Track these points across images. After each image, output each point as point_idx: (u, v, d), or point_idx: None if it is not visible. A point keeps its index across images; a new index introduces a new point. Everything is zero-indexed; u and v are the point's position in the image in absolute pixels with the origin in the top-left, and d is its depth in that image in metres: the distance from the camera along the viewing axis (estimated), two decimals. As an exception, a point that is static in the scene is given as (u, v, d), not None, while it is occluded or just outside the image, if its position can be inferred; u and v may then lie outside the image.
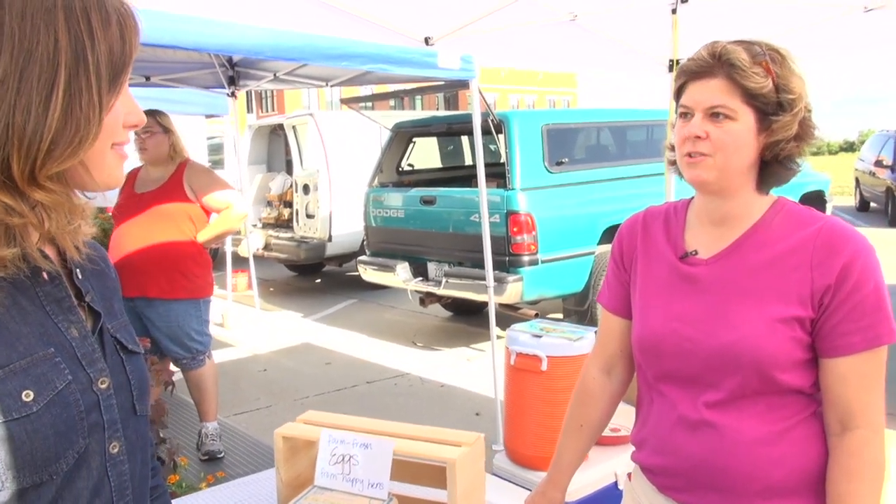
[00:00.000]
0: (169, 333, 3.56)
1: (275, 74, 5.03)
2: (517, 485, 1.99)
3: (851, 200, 16.27)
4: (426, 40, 3.33)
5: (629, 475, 1.51)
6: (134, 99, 0.84)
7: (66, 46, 0.73)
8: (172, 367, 3.65)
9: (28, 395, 0.74)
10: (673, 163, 1.35)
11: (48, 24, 0.73)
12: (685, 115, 1.26)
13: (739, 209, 1.28)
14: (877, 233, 11.24)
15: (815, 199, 7.79)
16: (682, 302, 1.31)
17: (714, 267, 1.29)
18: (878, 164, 13.76)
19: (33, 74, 0.72)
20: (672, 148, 1.35)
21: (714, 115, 1.22)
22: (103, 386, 0.83)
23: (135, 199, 3.54)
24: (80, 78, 0.74)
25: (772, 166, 1.26)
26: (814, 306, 1.19)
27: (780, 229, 1.26)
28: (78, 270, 0.88)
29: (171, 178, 3.56)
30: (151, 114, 3.51)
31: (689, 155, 1.25)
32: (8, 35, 0.71)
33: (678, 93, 1.29)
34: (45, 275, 0.81)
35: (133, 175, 3.66)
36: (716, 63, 1.21)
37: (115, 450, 0.85)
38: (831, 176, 8.73)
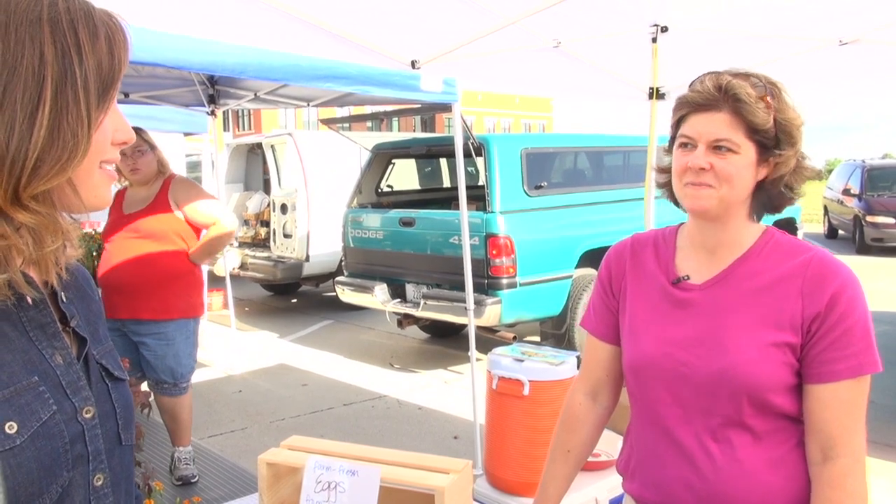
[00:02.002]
0: (161, 355, 3.49)
1: (255, 94, 5.01)
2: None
3: (820, 228, 16.61)
4: (413, 63, 3.35)
5: (620, 505, 1.51)
6: (123, 115, 0.80)
7: (52, 60, 0.70)
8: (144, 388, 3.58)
9: (11, 427, 0.70)
10: (662, 185, 1.37)
11: (33, 37, 0.70)
12: (686, 144, 1.27)
13: (733, 237, 1.31)
14: (845, 260, 11.41)
15: (787, 226, 7.95)
16: (676, 327, 1.32)
17: (707, 292, 1.31)
18: (846, 192, 14.12)
19: (17, 89, 0.69)
20: (661, 170, 1.37)
21: (717, 147, 1.23)
22: (88, 415, 0.80)
23: (124, 220, 3.48)
24: (67, 92, 0.71)
25: (772, 196, 1.29)
26: (802, 333, 1.21)
27: (770, 258, 1.28)
28: (62, 294, 0.84)
29: (157, 196, 3.51)
30: (137, 132, 3.48)
31: (691, 184, 1.26)
32: None
33: (678, 122, 1.31)
34: (28, 299, 0.78)
35: (120, 196, 3.60)
36: (722, 97, 1.23)
37: (100, 482, 0.81)
38: (801, 203, 8.93)
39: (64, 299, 0.84)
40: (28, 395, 0.73)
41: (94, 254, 4.88)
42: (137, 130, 3.50)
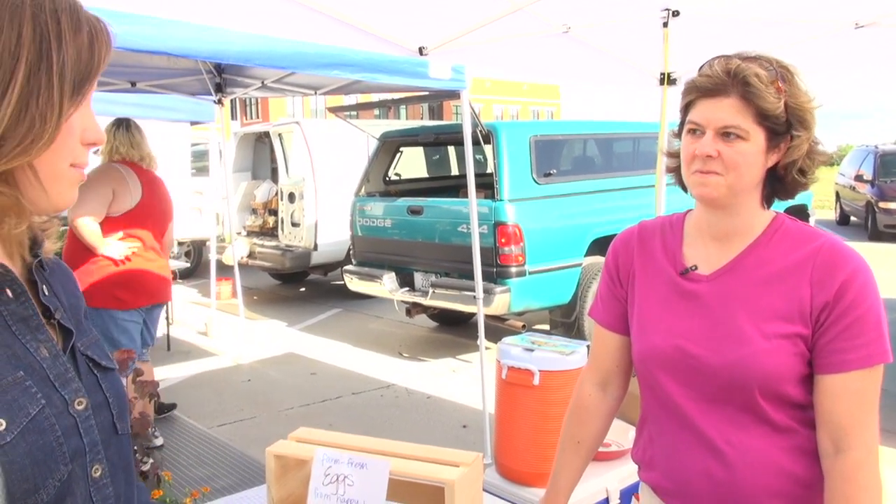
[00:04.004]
0: None
1: (262, 82, 4.99)
2: (508, 500, 1.96)
3: (832, 214, 16.48)
4: (420, 50, 3.31)
5: (636, 495, 1.49)
6: (95, 117, 0.80)
7: (29, 42, 0.70)
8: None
9: (0, 424, 0.69)
10: (671, 170, 1.36)
11: (13, 18, 0.70)
12: (694, 131, 1.25)
13: (743, 225, 1.28)
14: (857, 246, 11.27)
15: (799, 213, 7.87)
16: (685, 318, 1.30)
17: (715, 283, 1.28)
18: (859, 178, 13.98)
19: None
20: (670, 155, 1.36)
21: (726, 134, 1.21)
22: (80, 407, 0.79)
23: None
24: (40, 75, 0.71)
25: (785, 182, 1.27)
26: (812, 322, 1.19)
27: (779, 246, 1.26)
28: (44, 287, 0.83)
29: None
30: None
31: (699, 171, 1.24)
32: None
33: (687, 107, 1.28)
34: (8, 292, 0.77)
35: None
36: (730, 81, 1.20)
37: (98, 473, 0.81)
38: (812, 190, 8.81)
39: (46, 292, 0.83)
40: (14, 390, 0.72)
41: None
42: None
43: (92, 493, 0.79)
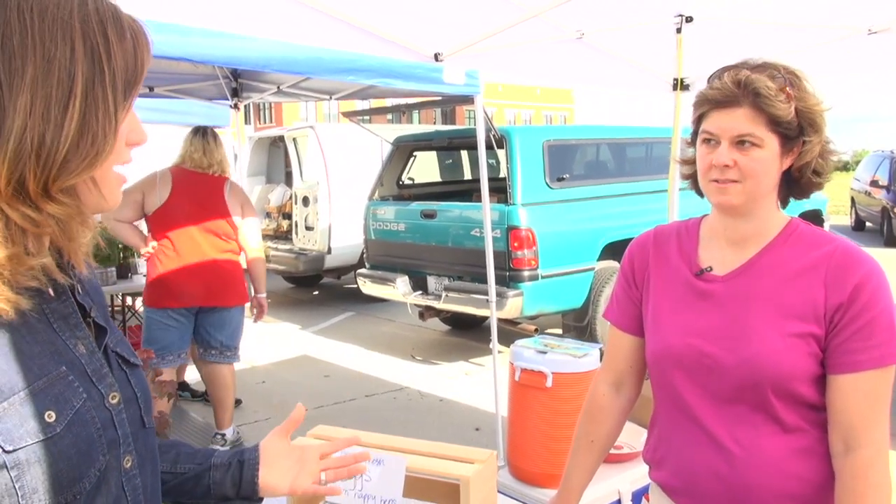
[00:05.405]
0: None
1: (278, 87, 5.04)
2: (520, 501, 1.98)
3: (847, 220, 16.35)
4: (436, 56, 3.35)
5: (646, 495, 1.52)
6: (137, 117, 0.82)
7: (82, 57, 0.72)
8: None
9: (50, 416, 0.73)
10: (687, 177, 1.39)
11: (64, 35, 0.72)
12: (709, 140, 1.28)
13: (759, 228, 1.31)
14: (873, 252, 11.20)
15: (813, 218, 7.85)
16: (699, 318, 1.32)
17: (730, 284, 1.31)
18: (874, 183, 13.86)
19: (52, 85, 0.71)
20: (685, 163, 1.39)
21: (741, 143, 1.24)
22: (114, 401, 0.83)
23: None
24: (96, 89, 0.73)
25: (800, 183, 1.30)
26: (825, 323, 1.22)
27: (793, 249, 1.28)
28: (78, 286, 0.86)
29: None
30: None
31: (717, 181, 1.26)
32: (29, 46, 0.70)
33: (699, 118, 1.31)
34: (50, 291, 0.80)
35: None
36: (741, 92, 1.23)
37: (129, 464, 0.84)
38: (827, 195, 8.79)
39: (80, 291, 0.87)
40: (59, 384, 0.76)
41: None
42: None
43: (123, 482, 0.83)
